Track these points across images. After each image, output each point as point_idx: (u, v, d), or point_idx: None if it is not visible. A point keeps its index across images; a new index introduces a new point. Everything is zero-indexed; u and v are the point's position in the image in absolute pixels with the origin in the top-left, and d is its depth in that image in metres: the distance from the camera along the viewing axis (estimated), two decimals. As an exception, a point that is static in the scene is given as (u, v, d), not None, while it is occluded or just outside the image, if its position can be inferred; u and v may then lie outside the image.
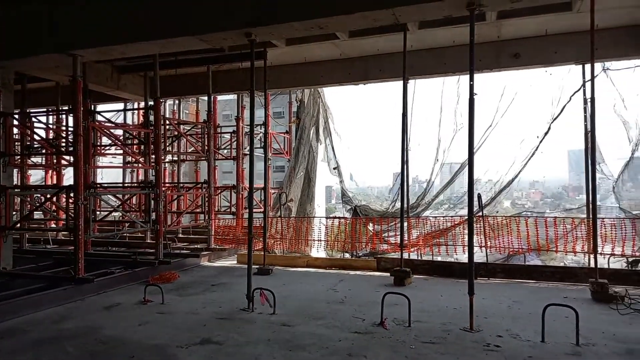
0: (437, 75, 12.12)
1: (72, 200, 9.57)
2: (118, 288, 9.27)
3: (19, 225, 11.66)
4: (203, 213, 14.24)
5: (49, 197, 11.70)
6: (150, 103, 12.61)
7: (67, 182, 13.53)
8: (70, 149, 11.29)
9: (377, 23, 7.57)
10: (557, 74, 11.66)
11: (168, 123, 14.49)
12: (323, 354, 5.59)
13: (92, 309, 7.80)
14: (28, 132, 11.86)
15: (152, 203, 11.43)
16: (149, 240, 14.09)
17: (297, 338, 6.16)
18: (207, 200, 13.89)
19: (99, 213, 13.61)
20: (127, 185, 16.13)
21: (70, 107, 9.65)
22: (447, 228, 11.31)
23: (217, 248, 13.55)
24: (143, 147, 12.77)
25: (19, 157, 12.60)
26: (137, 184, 16.26)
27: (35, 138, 12.32)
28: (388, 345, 5.86)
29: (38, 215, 15.63)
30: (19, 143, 12.82)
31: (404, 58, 9.86)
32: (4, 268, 10.03)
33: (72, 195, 9.36)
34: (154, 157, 11.59)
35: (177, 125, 14.83)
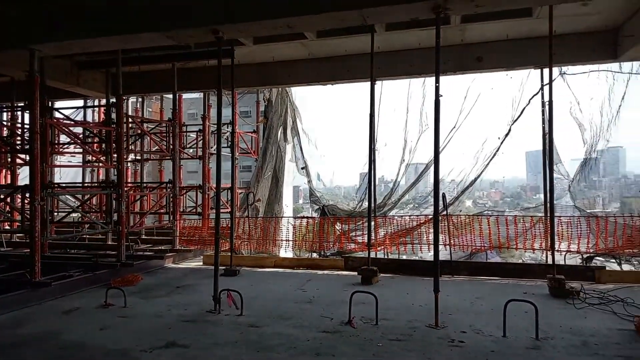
0: (403, 77, 12.31)
1: (27, 201, 9.17)
2: (78, 292, 8.96)
3: (-31, 227, 11.10)
4: (167, 214, 13.96)
5: (3, 197, 11.21)
6: (112, 100, 12.23)
7: (22, 181, 12.95)
8: (26, 147, 10.82)
9: (345, 23, 7.62)
10: (517, 78, 12.06)
11: (131, 121, 14.09)
12: (291, 354, 5.58)
13: (50, 314, 7.50)
14: (-21, 129, 11.31)
15: (113, 203, 11.12)
16: (111, 242, 13.66)
17: (265, 339, 6.12)
18: (171, 201, 13.60)
19: (57, 214, 13.09)
20: (87, 185, 15.58)
21: (27, 103, 9.25)
22: (412, 227, 11.49)
23: (182, 249, 13.28)
24: (104, 145, 12.38)
25: (-30, 155, 12.00)
26: (97, 184, 15.72)
27: (-13, 136, 11.77)
28: (356, 344, 5.91)
29: (-10, 217, 14.88)
30: (-30, 141, 12.22)
31: (372, 59, 9.97)
32: (-47, 272, 9.53)
33: (27, 196, 8.98)
34: (116, 156, 11.26)
35: (140, 124, 14.44)
